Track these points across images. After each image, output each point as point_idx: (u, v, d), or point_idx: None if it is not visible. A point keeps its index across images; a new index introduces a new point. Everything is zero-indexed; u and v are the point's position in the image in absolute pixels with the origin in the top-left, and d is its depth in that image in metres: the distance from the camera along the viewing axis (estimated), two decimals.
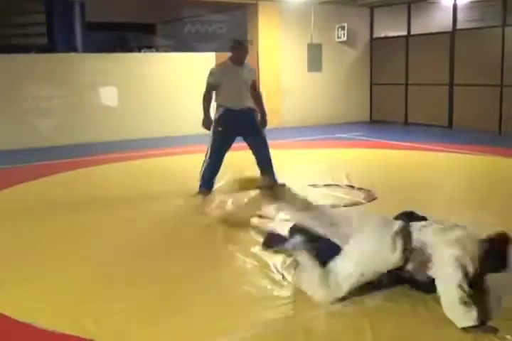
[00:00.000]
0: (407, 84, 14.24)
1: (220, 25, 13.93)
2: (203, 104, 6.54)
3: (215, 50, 12.82)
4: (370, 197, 6.23)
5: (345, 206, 5.87)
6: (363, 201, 6.10)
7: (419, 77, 13.88)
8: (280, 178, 7.32)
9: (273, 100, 13.68)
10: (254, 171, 7.94)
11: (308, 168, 8.44)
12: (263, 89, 13.45)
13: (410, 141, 10.89)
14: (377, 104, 15.23)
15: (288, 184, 6.85)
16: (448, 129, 13.15)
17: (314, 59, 14.05)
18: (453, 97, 13.16)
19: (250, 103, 6.46)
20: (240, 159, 9.35)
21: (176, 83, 12.41)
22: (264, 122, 6.63)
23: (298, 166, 8.57)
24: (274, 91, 13.69)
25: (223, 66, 6.46)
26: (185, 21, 14.99)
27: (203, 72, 12.53)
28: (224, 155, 6.48)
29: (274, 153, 9.76)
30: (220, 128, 6.32)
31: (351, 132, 12.56)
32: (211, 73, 6.44)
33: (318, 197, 6.29)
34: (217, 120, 6.36)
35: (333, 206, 5.85)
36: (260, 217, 5.41)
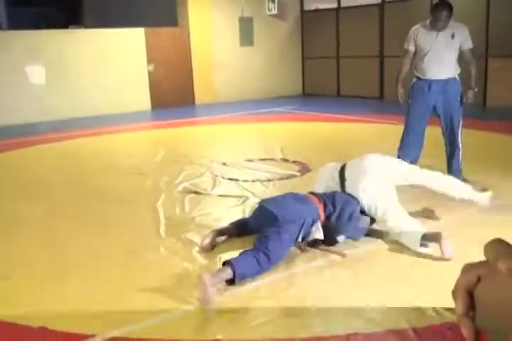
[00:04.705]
0: (338, 57, 14.34)
1: None
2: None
3: (145, 25, 12.55)
4: (305, 170, 6.26)
5: (280, 179, 5.88)
6: (298, 174, 6.13)
7: (350, 50, 13.99)
8: (217, 154, 7.30)
9: (205, 75, 13.56)
10: (187, 148, 7.89)
11: (243, 143, 8.41)
12: (194, 65, 13.48)
13: (343, 113, 10.99)
14: (309, 77, 15.29)
15: (226, 160, 6.82)
16: (379, 100, 13.34)
17: (246, 33, 13.93)
18: (383, 69, 13.33)
19: (451, 73, 5.34)
20: (172, 136, 9.25)
21: (104, 60, 12.08)
22: (471, 93, 5.36)
23: (233, 141, 8.53)
24: (206, 67, 13.54)
25: (418, 29, 5.37)
26: None
27: (131, 48, 12.46)
28: (419, 131, 5.58)
29: (207, 129, 9.82)
30: (410, 101, 5.52)
31: (285, 106, 12.58)
32: (407, 37, 5.45)
33: (254, 171, 6.27)
34: (409, 90, 5.54)
35: (269, 180, 5.85)
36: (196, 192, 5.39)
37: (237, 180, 5.88)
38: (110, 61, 12.15)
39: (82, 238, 4.32)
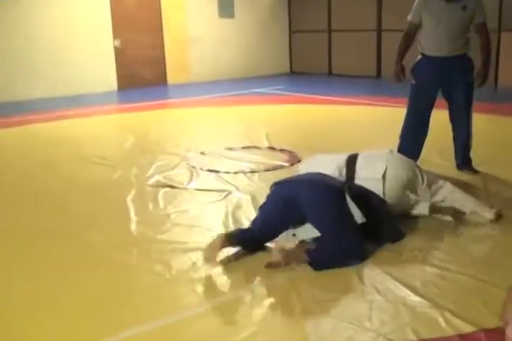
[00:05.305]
0: (330, 31, 14.31)
1: None
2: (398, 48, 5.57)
3: None
4: (294, 160, 6.23)
5: (266, 170, 5.84)
6: (286, 164, 6.10)
7: (343, 22, 13.96)
8: (194, 142, 7.25)
9: (178, 51, 13.47)
10: (159, 135, 7.83)
11: (223, 129, 8.35)
12: (166, 39, 13.38)
13: (335, 94, 10.98)
14: (297, 53, 15.26)
15: (204, 148, 6.78)
16: (376, 80, 13.35)
17: (225, 3, 13.86)
18: (381, 44, 13.33)
19: (461, 50, 5.32)
20: (142, 121, 9.20)
21: (62, 32, 11.89)
22: (480, 77, 5.36)
23: (211, 127, 8.47)
24: (180, 41, 13.45)
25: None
26: None
27: (94, 18, 12.29)
28: (424, 115, 5.55)
29: (181, 113, 9.76)
30: (413, 81, 5.49)
31: (270, 86, 12.54)
32: (413, 8, 5.40)
33: (237, 161, 6.24)
34: (412, 69, 5.50)
35: (253, 171, 5.82)
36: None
37: (217, 171, 5.84)
38: (69, 33, 11.94)
39: (42, 239, 4.27)
